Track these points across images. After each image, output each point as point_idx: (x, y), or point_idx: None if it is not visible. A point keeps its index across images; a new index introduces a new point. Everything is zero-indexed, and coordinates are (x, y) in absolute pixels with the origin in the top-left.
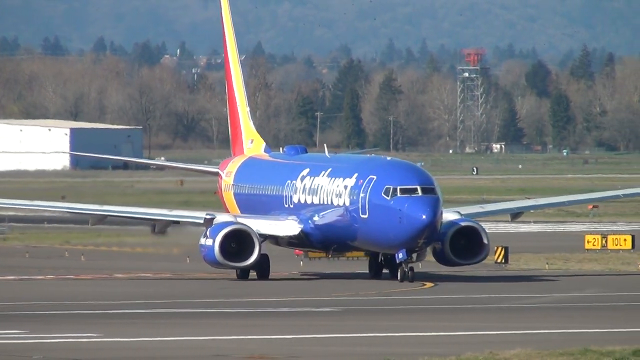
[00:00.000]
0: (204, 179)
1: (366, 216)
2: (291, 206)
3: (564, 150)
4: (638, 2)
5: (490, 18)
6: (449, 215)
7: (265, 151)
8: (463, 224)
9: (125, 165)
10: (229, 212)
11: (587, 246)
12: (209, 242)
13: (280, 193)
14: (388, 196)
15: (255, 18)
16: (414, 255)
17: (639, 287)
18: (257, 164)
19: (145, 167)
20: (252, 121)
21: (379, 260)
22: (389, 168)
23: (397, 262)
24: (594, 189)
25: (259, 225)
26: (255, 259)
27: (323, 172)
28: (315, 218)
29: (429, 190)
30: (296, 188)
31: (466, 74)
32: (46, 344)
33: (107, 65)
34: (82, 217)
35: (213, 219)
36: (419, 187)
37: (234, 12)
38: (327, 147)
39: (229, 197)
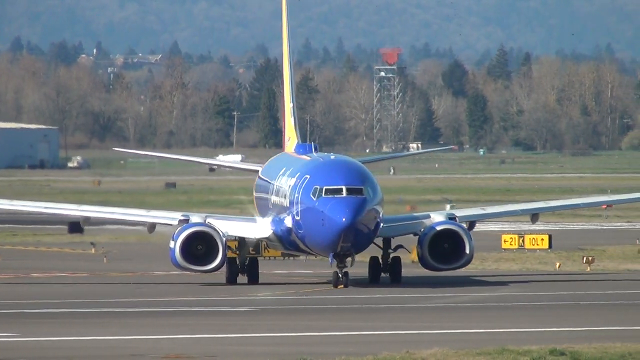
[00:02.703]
0: (120, 179)
1: (299, 218)
2: (271, 207)
3: (481, 150)
4: (553, 2)
5: (406, 17)
6: (436, 217)
7: (294, 149)
8: (441, 227)
9: (42, 165)
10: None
11: (504, 245)
12: (172, 244)
13: (267, 194)
14: (315, 197)
15: (171, 17)
16: (348, 261)
17: (556, 286)
18: (275, 164)
19: (62, 166)
20: (293, 118)
21: (380, 263)
22: (322, 167)
23: (330, 266)
24: (511, 188)
25: (230, 227)
26: (219, 262)
27: (288, 171)
28: (280, 220)
29: (355, 190)
30: (273, 189)
31: (383, 74)
32: None
33: (23, 64)
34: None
35: (187, 220)
36: (344, 188)
37: (149, 11)
38: (244, 147)
39: (253, 197)
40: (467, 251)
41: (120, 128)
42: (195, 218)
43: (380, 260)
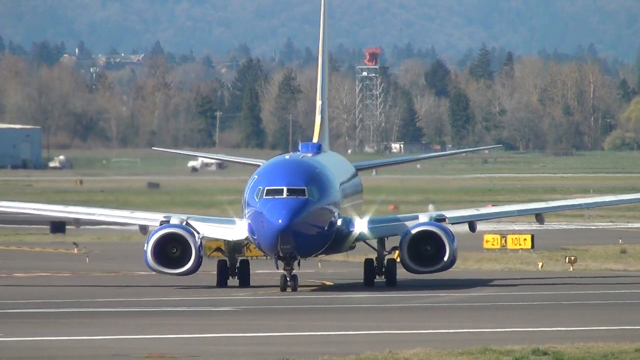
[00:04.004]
0: (103, 179)
1: (248, 219)
2: None
3: None
4: (535, 2)
5: (388, 17)
6: (422, 218)
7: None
8: (418, 229)
9: (24, 165)
10: None
11: (485, 245)
12: (145, 246)
13: None
14: (257, 197)
15: (153, 17)
16: (295, 264)
17: (539, 286)
18: None
19: (45, 166)
20: (320, 116)
21: (374, 266)
22: (269, 168)
23: (277, 268)
24: (493, 188)
25: (209, 229)
26: (191, 265)
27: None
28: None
29: (296, 191)
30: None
31: (365, 73)
32: None
33: (5, 64)
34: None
35: (168, 221)
36: (284, 189)
37: (130, 10)
38: (227, 147)
39: None
40: (447, 253)
41: (103, 128)
42: (174, 219)
43: (376, 263)
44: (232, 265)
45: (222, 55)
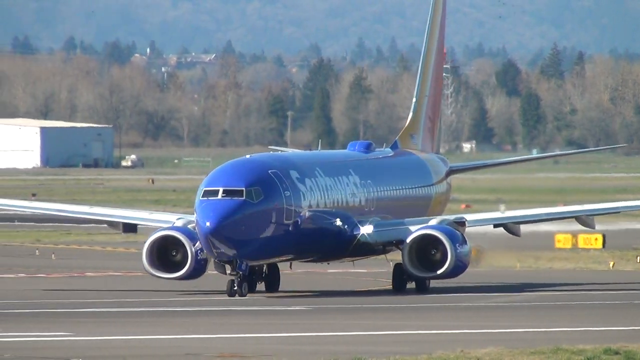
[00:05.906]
0: (174, 178)
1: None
2: None
3: (534, 150)
4: (606, 1)
5: (459, 17)
6: (432, 222)
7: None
8: (419, 232)
9: (96, 164)
10: None
11: (557, 245)
12: (142, 249)
13: None
14: (197, 199)
15: (224, 16)
16: (240, 269)
17: (610, 285)
18: None
19: (116, 165)
20: (412, 113)
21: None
22: (218, 167)
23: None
24: (564, 188)
25: None
26: (187, 270)
27: None
28: None
29: (233, 192)
30: None
31: None
32: (17, 343)
33: (77, 64)
34: (53, 216)
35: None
36: (220, 189)
37: (202, 10)
38: (298, 146)
39: None
40: (449, 258)
41: (174, 127)
42: (178, 222)
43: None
44: (260, 268)
45: (293, 54)
